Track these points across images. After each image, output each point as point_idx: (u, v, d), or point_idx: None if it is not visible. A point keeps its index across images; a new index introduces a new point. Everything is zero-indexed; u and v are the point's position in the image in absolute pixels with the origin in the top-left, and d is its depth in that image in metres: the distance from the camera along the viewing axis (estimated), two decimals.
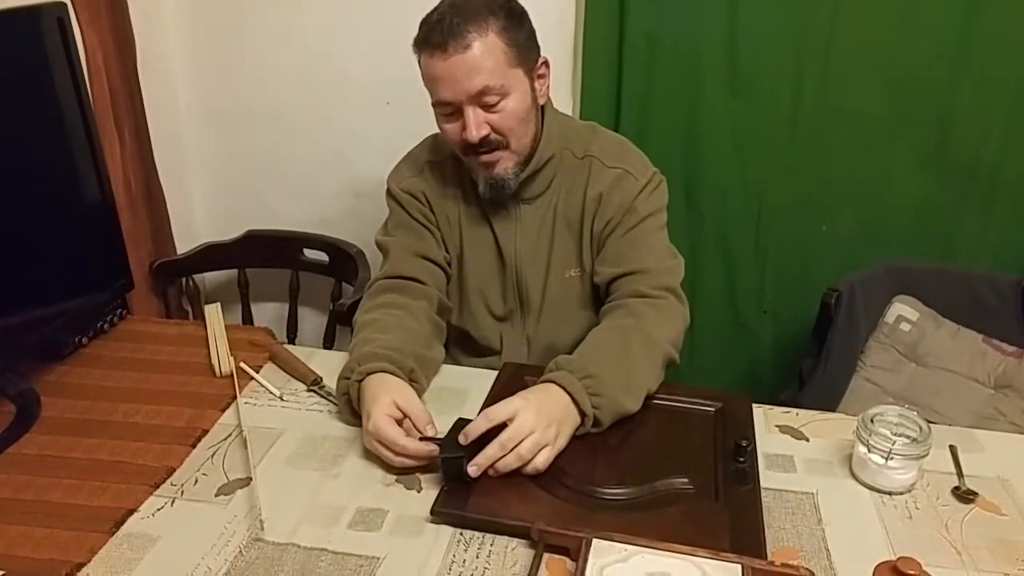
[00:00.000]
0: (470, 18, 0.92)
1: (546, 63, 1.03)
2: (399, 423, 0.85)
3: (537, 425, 0.82)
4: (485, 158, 1.00)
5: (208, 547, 0.74)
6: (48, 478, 0.84)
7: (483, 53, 0.93)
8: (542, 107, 1.04)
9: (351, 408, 0.92)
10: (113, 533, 0.76)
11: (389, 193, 1.12)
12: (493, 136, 0.98)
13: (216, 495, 0.81)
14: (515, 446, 0.81)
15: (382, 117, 1.61)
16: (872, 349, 1.47)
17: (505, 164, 1.01)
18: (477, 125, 0.96)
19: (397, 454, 0.83)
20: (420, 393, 0.94)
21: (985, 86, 1.41)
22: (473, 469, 0.80)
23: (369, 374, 0.90)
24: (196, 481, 0.84)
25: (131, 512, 0.78)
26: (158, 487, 0.82)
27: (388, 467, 0.85)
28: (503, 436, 0.81)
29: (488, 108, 0.96)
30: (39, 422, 0.94)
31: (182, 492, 0.82)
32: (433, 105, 0.99)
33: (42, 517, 0.78)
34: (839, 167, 1.50)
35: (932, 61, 1.40)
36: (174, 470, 0.85)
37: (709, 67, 1.46)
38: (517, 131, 0.99)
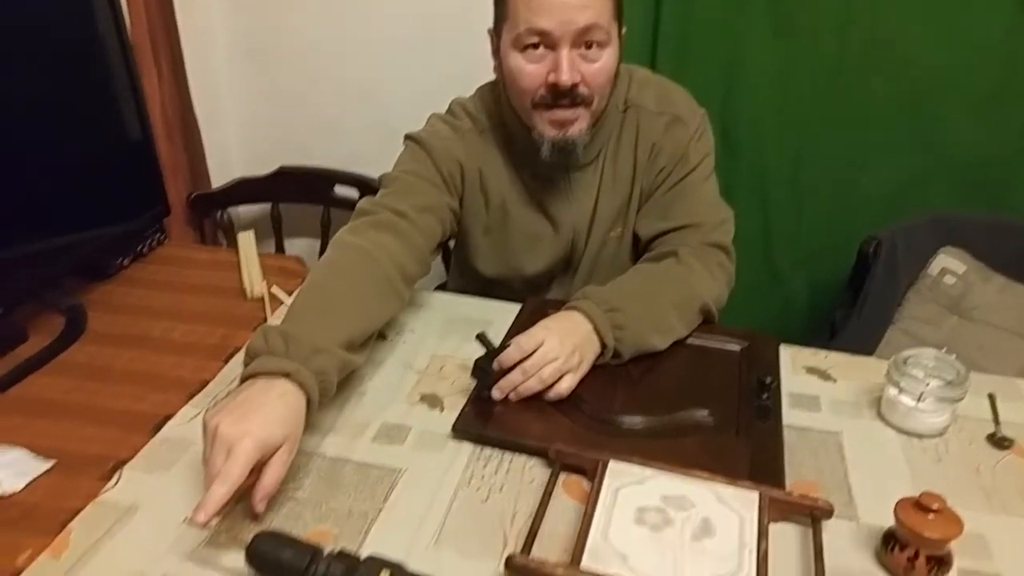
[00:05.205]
0: None
1: (623, 35, 0.96)
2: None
3: (561, 352, 0.82)
4: (564, 114, 0.91)
5: None
6: (95, 383, 0.88)
7: None
8: None
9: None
10: (153, 435, 0.79)
11: (419, 143, 1.00)
12: (582, 87, 0.90)
13: None
14: (537, 371, 0.81)
15: (413, 53, 1.59)
16: (911, 301, 1.42)
17: (580, 124, 0.93)
18: (571, 68, 0.87)
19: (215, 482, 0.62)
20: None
21: None
22: (496, 393, 0.82)
23: (286, 375, 0.70)
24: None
25: (168, 418, 0.82)
26: (193, 397, 0.86)
27: (412, 386, 0.87)
28: (526, 363, 0.81)
29: (587, 53, 0.89)
30: (86, 334, 0.99)
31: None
32: (515, 43, 0.89)
33: (90, 416, 0.82)
34: (884, 113, 1.43)
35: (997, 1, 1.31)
36: (207, 383, 0.88)
37: (751, 3, 1.39)
38: (603, 90, 0.92)
